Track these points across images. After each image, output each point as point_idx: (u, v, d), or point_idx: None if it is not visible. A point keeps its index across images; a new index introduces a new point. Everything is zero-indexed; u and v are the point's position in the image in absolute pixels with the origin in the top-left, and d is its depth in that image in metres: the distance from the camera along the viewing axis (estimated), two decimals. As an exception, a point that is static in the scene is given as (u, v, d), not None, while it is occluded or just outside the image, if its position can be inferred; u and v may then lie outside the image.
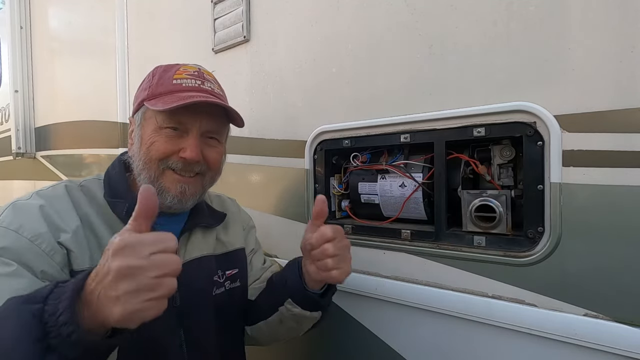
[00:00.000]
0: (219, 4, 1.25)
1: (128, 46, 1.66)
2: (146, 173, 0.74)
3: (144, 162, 0.74)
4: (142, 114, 0.77)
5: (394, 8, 0.87)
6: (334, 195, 1.06)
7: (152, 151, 0.73)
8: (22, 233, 0.63)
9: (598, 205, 0.64)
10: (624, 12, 0.62)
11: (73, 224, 0.69)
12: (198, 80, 0.77)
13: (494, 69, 0.74)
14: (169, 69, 0.78)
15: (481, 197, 0.79)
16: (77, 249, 0.67)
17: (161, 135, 0.74)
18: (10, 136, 2.44)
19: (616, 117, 0.62)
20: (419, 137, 0.85)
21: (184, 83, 0.75)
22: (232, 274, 0.89)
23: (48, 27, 2.28)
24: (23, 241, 0.62)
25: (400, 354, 0.90)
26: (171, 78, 0.76)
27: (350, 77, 0.95)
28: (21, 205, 0.67)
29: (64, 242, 0.66)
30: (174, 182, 0.75)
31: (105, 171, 0.82)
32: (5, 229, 0.63)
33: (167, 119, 0.73)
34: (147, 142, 0.74)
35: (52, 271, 0.64)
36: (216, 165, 0.80)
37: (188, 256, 0.81)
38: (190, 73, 0.77)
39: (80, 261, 0.67)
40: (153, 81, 0.77)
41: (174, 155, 0.74)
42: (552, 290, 0.69)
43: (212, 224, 0.88)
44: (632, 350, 0.61)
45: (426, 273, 0.85)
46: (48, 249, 0.64)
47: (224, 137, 0.84)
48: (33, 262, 0.62)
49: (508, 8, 0.72)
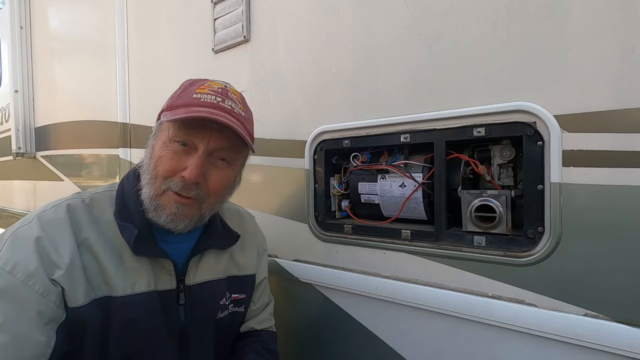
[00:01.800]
0: (219, 4, 1.25)
1: (128, 46, 1.66)
2: (149, 188, 0.72)
3: (150, 177, 0.72)
4: (158, 125, 0.75)
5: (394, 8, 0.87)
6: (334, 195, 1.06)
7: (158, 167, 0.71)
8: (16, 275, 0.62)
9: (598, 205, 0.64)
10: (624, 12, 0.62)
11: (67, 257, 0.66)
12: (219, 97, 0.72)
13: (494, 69, 0.74)
14: (195, 83, 0.75)
15: (481, 197, 0.79)
16: (71, 286, 0.65)
17: (169, 149, 0.71)
18: (10, 136, 2.44)
19: (616, 117, 0.62)
20: (419, 137, 0.85)
21: (203, 98, 0.71)
22: (238, 298, 0.87)
23: (48, 27, 2.28)
24: (16, 283, 0.62)
25: (400, 353, 0.90)
26: (193, 92, 0.72)
27: (350, 77, 0.95)
28: (20, 237, 0.66)
29: (57, 279, 0.64)
30: (172, 201, 0.71)
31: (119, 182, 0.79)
32: (1, 270, 0.62)
33: (177, 133, 0.70)
34: (155, 154, 0.72)
35: (47, 310, 0.63)
36: (217, 190, 0.74)
37: (199, 278, 0.79)
38: (213, 89, 0.73)
39: (74, 298, 0.65)
40: (177, 93, 0.75)
41: (177, 176, 0.70)
42: (552, 290, 0.69)
43: (224, 245, 0.84)
44: (632, 350, 0.61)
45: (426, 273, 0.85)
46: (42, 290, 0.63)
47: (239, 161, 0.79)
48: (28, 304, 0.62)
49: (508, 8, 0.72)
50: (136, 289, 0.71)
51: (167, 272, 0.75)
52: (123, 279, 0.70)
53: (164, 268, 0.74)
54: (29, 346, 0.61)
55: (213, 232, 0.83)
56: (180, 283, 0.76)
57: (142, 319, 0.71)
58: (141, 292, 0.71)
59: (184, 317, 0.77)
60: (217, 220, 0.86)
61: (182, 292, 0.76)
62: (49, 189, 2.28)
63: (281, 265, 1.12)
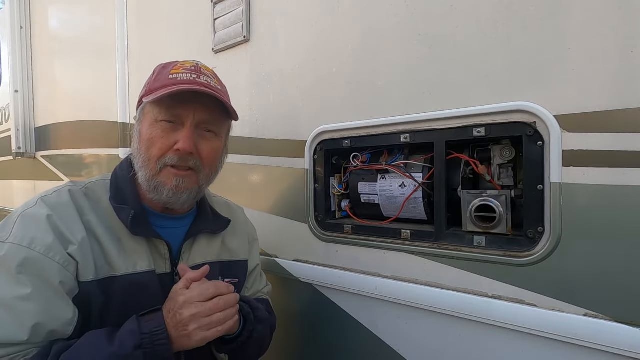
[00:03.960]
0: (219, 4, 1.25)
1: (128, 46, 1.66)
2: (144, 171, 0.75)
3: (143, 160, 0.75)
4: (141, 111, 0.78)
5: (394, 8, 0.87)
6: (334, 195, 1.06)
7: (151, 148, 0.74)
8: (35, 248, 0.64)
9: (598, 205, 0.64)
10: (624, 12, 0.62)
11: (79, 234, 0.69)
12: (194, 74, 0.76)
13: (494, 69, 0.74)
14: (168, 66, 0.79)
15: (481, 197, 0.79)
16: (83, 260, 0.68)
17: (157, 128, 0.74)
18: (10, 136, 2.44)
19: (616, 117, 0.62)
20: (419, 137, 0.85)
21: (179, 77, 0.75)
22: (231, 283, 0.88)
23: (48, 27, 2.28)
24: (37, 256, 0.64)
25: (400, 353, 0.90)
26: (168, 74, 0.76)
27: (350, 77, 0.95)
28: (30, 215, 0.68)
29: (71, 253, 0.67)
30: (170, 176, 0.75)
31: (112, 171, 0.82)
32: (18, 245, 0.64)
33: (163, 112, 0.74)
34: (145, 137, 0.75)
35: (68, 281, 0.66)
36: (210, 160, 0.79)
37: (192, 262, 0.82)
38: (187, 68, 0.77)
39: (86, 273, 0.68)
40: (152, 78, 0.79)
41: (170, 151, 0.74)
42: (552, 290, 0.69)
43: (216, 230, 0.87)
44: (632, 350, 0.61)
45: (426, 273, 0.85)
46: (62, 261, 0.66)
47: (223, 131, 0.84)
48: (51, 276, 0.64)
49: (508, 8, 0.72)
50: (138, 268, 0.74)
51: (161, 256, 0.78)
52: (124, 259, 0.73)
53: (158, 252, 0.77)
54: (59, 315, 0.64)
55: (204, 217, 0.86)
56: (174, 267, 0.79)
57: (143, 297, 0.73)
58: (143, 271, 0.74)
59: None
60: (208, 207, 0.90)
61: (177, 275, 0.78)
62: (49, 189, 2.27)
63: (281, 265, 1.12)
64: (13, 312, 0.61)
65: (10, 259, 0.63)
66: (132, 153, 0.79)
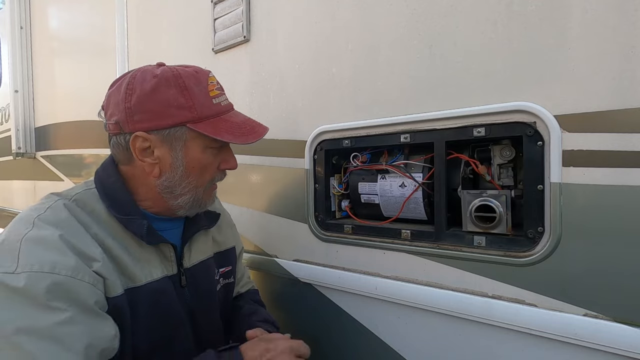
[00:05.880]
0: (219, 4, 1.24)
1: (128, 46, 1.66)
2: (190, 195, 0.75)
3: (193, 186, 0.75)
4: (183, 136, 0.71)
5: (394, 8, 0.87)
6: (334, 195, 1.06)
7: (203, 175, 0.75)
8: (60, 272, 0.58)
9: (598, 205, 0.64)
10: (624, 12, 0.62)
11: (96, 250, 0.65)
12: (224, 94, 0.78)
13: (494, 69, 0.74)
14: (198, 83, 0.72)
15: (481, 197, 0.79)
16: (109, 276, 0.65)
17: (209, 155, 0.75)
18: (10, 136, 2.44)
19: (616, 117, 0.62)
20: (419, 137, 0.85)
21: (222, 102, 0.76)
22: (226, 271, 0.93)
23: (48, 27, 2.28)
24: (65, 279, 0.58)
25: (400, 353, 0.90)
26: (208, 96, 0.73)
27: (350, 77, 0.95)
28: (37, 239, 0.60)
29: (97, 271, 0.63)
30: (212, 192, 0.81)
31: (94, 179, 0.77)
32: (38, 272, 0.56)
33: (215, 139, 0.73)
34: (195, 164, 0.73)
35: (100, 299, 0.63)
36: None
37: (194, 260, 0.83)
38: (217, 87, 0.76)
39: (112, 288, 0.65)
40: (192, 100, 0.70)
41: (217, 171, 0.78)
42: (552, 290, 0.69)
43: (210, 225, 0.89)
44: (632, 350, 0.61)
45: (426, 273, 0.85)
46: (92, 280, 0.61)
47: None
48: (84, 297, 0.60)
49: (508, 8, 0.72)
50: (154, 276, 0.73)
51: (168, 260, 0.78)
52: (141, 268, 0.72)
53: (165, 256, 0.77)
54: (104, 332, 0.61)
55: (197, 215, 0.85)
56: (180, 267, 0.80)
57: (165, 303, 0.74)
58: (159, 278, 0.74)
59: (189, 298, 0.80)
60: None
61: (183, 275, 0.80)
62: (49, 189, 2.27)
63: (281, 265, 1.12)
64: (58, 340, 0.55)
65: (34, 288, 0.55)
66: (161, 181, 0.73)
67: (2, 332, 0.53)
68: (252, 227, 1.21)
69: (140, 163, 0.73)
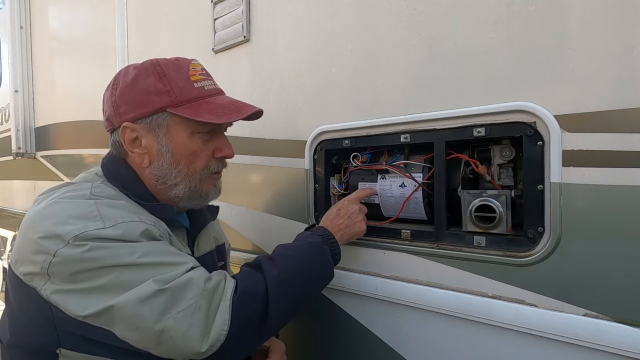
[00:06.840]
0: (219, 4, 1.24)
1: (128, 46, 1.66)
2: (185, 184, 0.74)
3: (184, 175, 0.74)
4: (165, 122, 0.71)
5: (394, 8, 0.87)
6: (334, 195, 1.06)
7: (194, 162, 0.74)
8: (146, 221, 0.65)
9: (598, 205, 0.64)
10: (624, 12, 0.62)
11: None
12: (210, 80, 0.77)
13: (494, 69, 0.74)
14: (178, 69, 0.73)
15: (481, 197, 0.79)
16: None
17: (196, 141, 0.73)
18: (10, 136, 2.44)
19: (616, 117, 0.62)
20: (419, 137, 0.85)
21: (205, 86, 0.75)
22: (220, 265, 0.93)
23: (48, 27, 2.28)
24: (151, 227, 0.65)
25: (400, 353, 0.90)
26: (189, 81, 0.72)
27: (350, 77, 0.95)
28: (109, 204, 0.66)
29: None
30: (211, 182, 0.78)
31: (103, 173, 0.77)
32: (129, 222, 0.63)
33: (204, 124, 0.72)
34: (183, 151, 0.73)
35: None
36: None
37: (202, 250, 0.84)
38: (201, 73, 0.76)
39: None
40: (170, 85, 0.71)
41: (211, 159, 0.76)
42: (552, 290, 0.69)
43: (213, 217, 0.92)
44: (632, 350, 0.61)
45: (426, 273, 0.85)
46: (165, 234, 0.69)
47: None
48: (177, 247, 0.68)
49: (508, 8, 0.72)
50: (195, 254, 0.79)
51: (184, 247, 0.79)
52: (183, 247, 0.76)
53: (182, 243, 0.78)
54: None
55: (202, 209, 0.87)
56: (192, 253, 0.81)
57: None
58: (199, 255, 0.80)
59: None
60: None
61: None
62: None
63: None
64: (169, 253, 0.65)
65: (130, 233, 0.61)
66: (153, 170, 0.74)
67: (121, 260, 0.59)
68: (252, 227, 1.20)
69: (132, 155, 0.74)
